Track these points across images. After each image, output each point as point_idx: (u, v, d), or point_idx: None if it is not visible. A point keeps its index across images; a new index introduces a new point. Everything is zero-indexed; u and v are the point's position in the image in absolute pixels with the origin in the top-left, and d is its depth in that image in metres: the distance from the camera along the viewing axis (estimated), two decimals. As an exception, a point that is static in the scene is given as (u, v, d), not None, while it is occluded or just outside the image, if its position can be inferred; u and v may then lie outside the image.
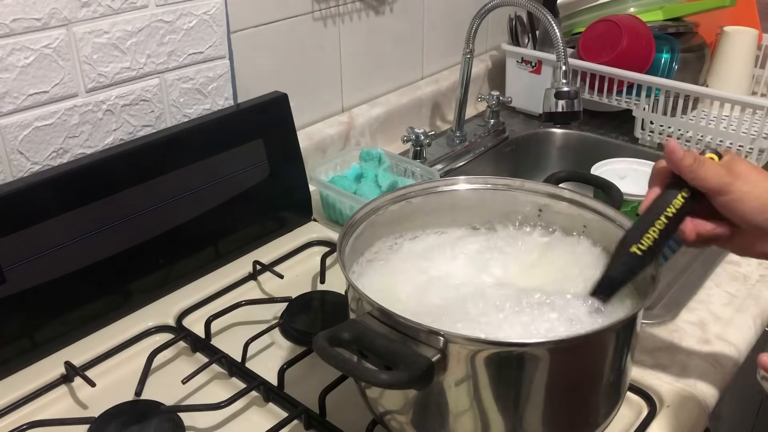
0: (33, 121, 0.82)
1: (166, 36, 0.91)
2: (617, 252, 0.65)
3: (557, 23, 1.09)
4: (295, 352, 0.80)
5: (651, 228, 0.63)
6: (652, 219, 0.63)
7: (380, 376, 0.55)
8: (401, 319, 0.57)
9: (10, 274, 0.76)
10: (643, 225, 0.64)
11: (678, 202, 0.63)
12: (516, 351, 0.58)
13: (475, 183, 0.79)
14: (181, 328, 0.85)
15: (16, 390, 0.75)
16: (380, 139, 1.31)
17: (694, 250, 0.99)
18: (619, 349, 0.63)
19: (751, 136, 1.21)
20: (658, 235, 0.63)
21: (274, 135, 1.00)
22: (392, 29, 1.31)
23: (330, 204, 1.06)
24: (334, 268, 0.96)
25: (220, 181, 0.94)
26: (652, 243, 0.63)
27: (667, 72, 1.31)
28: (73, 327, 0.82)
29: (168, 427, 0.70)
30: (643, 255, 0.63)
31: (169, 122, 0.95)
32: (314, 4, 1.13)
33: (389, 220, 0.77)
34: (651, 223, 0.63)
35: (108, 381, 0.78)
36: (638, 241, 0.63)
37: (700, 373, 0.78)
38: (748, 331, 0.86)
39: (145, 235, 0.86)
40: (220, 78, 1.00)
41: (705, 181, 0.62)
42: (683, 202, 0.63)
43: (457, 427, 0.61)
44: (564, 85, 1.10)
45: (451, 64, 1.49)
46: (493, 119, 1.38)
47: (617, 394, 0.66)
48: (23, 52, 0.79)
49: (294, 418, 0.72)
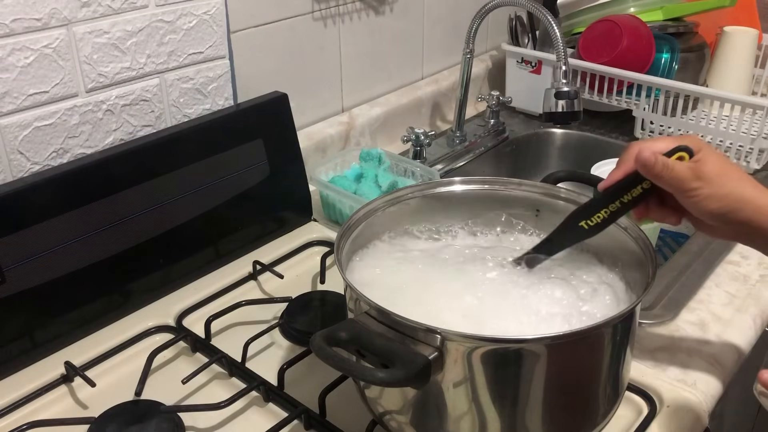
0: (33, 121, 0.82)
1: (166, 36, 0.92)
2: (566, 221, 0.70)
3: (557, 23, 1.09)
4: (295, 352, 0.80)
5: (604, 209, 0.67)
6: (608, 201, 0.67)
7: (377, 374, 0.55)
8: (398, 318, 0.57)
9: (10, 274, 0.76)
10: (598, 204, 0.68)
11: (636, 191, 0.66)
12: (513, 347, 0.58)
13: (473, 184, 0.79)
14: (181, 328, 0.85)
15: (16, 390, 0.75)
16: (380, 139, 1.31)
17: (694, 249, 0.99)
18: (617, 345, 0.63)
19: (751, 136, 1.21)
20: (608, 215, 0.67)
21: (274, 135, 1.00)
22: (392, 29, 1.31)
23: (330, 204, 1.06)
24: (334, 268, 0.95)
25: (220, 181, 0.94)
26: (600, 221, 0.68)
27: (667, 72, 1.31)
28: (73, 327, 0.82)
29: (168, 427, 0.70)
30: (589, 230, 0.68)
31: (169, 122, 0.96)
32: (314, 4, 1.13)
33: (388, 221, 0.77)
34: (605, 205, 0.67)
35: (108, 381, 0.78)
36: (588, 218, 0.68)
37: (700, 373, 0.78)
38: (748, 331, 0.85)
39: (145, 235, 0.87)
40: (220, 78, 1.00)
41: (669, 187, 0.64)
42: (641, 193, 0.66)
43: (456, 425, 0.61)
44: (564, 85, 1.10)
45: (451, 64, 1.49)
46: (493, 119, 1.38)
47: (616, 392, 0.66)
48: (23, 52, 0.79)
49: (294, 418, 0.72)
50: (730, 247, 1.00)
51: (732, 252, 0.99)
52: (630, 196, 0.66)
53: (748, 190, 0.63)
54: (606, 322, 0.60)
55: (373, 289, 0.65)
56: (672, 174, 0.63)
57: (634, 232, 0.70)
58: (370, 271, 0.73)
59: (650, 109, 1.29)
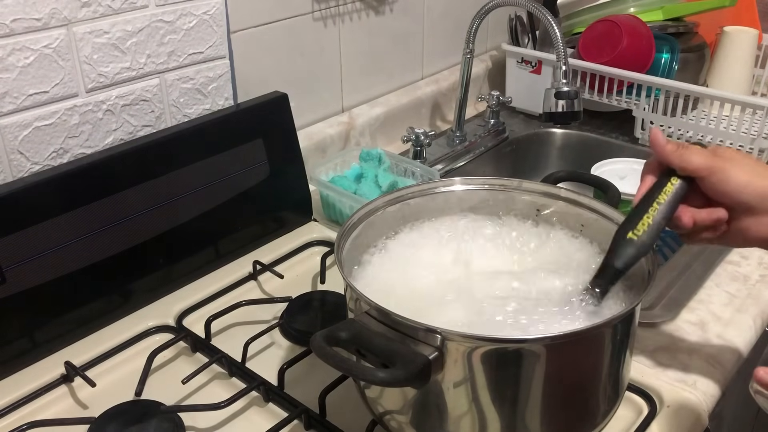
0: (33, 121, 0.82)
1: (166, 36, 0.92)
2: (615, 240, 0.66)
3: (557, 23, 1.09)
4: (295, 352, 0.80)
5: (645, 215, 0.65)
6: (646, 207, 0.65)
7: (377, 374, 0.55)
8: (399, 318, 0.57)
9: (10, 274, 0.76)
10: (638, 213, 0.66)
11: (669, 188, 0.65)
12: (513, 347, 0.58)
13: (473, 184, 0.79)
14: (181, 328, 0.85)
15: (16, 390, 0.75)
16: (380, 139, 1.31)
17: (694, 249, 0.99)
18: (617, 345, 0.63)
19: (751, 136, 1.21)
20: (652, 220, 0.65)
21: (274, 135, 1.00)
22: (392, 29, 1.31)
23: (330, 204, 1.06)
24: (334, 268, 0.95)
25: (220, 181, 0.94)
26: (647, 228, 0.65)
27: (667, 72, 1.31)
28: (73, 327, 0.82)
29: (168, 427, 0.70)
30: (637, 240, 0.65)
31: (169, 122, 0.96)
32: (314, 4, 1.13)
33: (387, 221, 0.77)
34: (645, 211, 0.65)
35: (108, 381, 0.78)
36: (634, 228, 0.65)
37: (700, 373, 0.78)
38: (748, 331, 0.85)
39: (145, 235, 0.87)
40: (220, 78, 1.00)
41: (690, 164, 0.64)
42: (674, 188, 0.65)
43: (456, 425, 0.61)
44: (564, 85, 1.10)
45: (451, 64, 1.49)
46: (493, 119, 1.38)
47: (616, 392, 0.66)
48: (23, 52, 0.79)
49: (294, 418, 0.72)
50: (730, 247, 1.00)
51: (732, 252, 0.99)
52: (665, 195, 0.65)
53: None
54: (606, 322, 0.60)
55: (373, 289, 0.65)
56: (689, 151, 0.64)
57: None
58: (370, 270, 0.73)
59: (650, 109, 1.29)
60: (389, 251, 0.76)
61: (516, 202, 0.79)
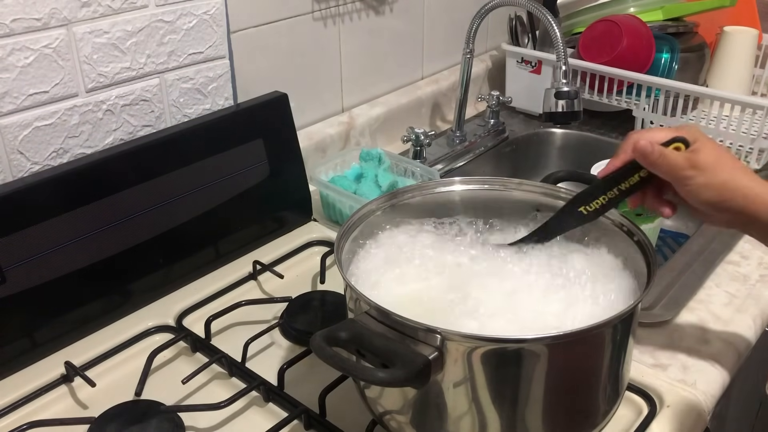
0: (33, 121, 0.82)
1: (166, 36, 0.91)
2: (566, 207, 0.72)
3: (557, 23, 1.09)
4: (295, 352, 0.80)
5: (603, 195, 0.69)
6: (607, 188, 0.69)
7: (377, 374, 0.55)
8: (398, 318, 0.57)
9: (10, 274, 0.76)
10: (596, 191, 0.70)
11: (634, 179, 0.68)
12: (513, 347, 0.58)
13: (473, 183, 0.79)
14: (181, 328, 0.85)
15: (16, 390, 0.75)
16: (380, 139, 1.31)
17: (694, 249, 0.99)
18: (617, 344, 0.63)
19: (751, 136, 1.21)
20: (606, 201, 0.69)
21: (274, 135, 1.00)
22: (392, 29, 1.31)
23: (330, 204, 1.06)
24: (334, 268, 0.95)
25: (220, 181, 0.94)
26: (598, 207, 0.70)
27: (667, 72, 1.31)
28: (73, 327, 0.82)
29: (168, 427, 0.70)
30: (587, 215, 0.70)
31: (169, 122, 0.96)
32: (314, 4, 1.13)
33: (387, 221, 0.77)
34: (604, 192, 0.69)
35: (108, 381, 0.78)
36: (587, 204, 0.70)
37: (700, 373, 0.78)
38: (748, 331, 0.85)
39: (145, 235, 0.87)
40: (220, 78, 1.00)
41: (665, 175, 0.66)
42: (638, 181, 0.68)
43: (456, 425, 0.61)
44: (564, 85, 1.10)
45: (451, 64, 1.49)
46: (493, 119, 1.38)
47: (616, 392, 0.66)
48: (23, 52, 0.79)
49: (294, 418, 0.72)
50: (730, 247, 1.00)
51: (732, 252, 0.99)
52: (628, 184, 0.68)
53: (742, 179, 0.64)
54: (606, 322, 0.60)
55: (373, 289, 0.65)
56: (667, 162, 0.65)
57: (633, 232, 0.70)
58: (370, 270, 0.73)
59: (650, 109, 1.29)
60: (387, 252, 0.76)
61: (516, 202, 0.79)
